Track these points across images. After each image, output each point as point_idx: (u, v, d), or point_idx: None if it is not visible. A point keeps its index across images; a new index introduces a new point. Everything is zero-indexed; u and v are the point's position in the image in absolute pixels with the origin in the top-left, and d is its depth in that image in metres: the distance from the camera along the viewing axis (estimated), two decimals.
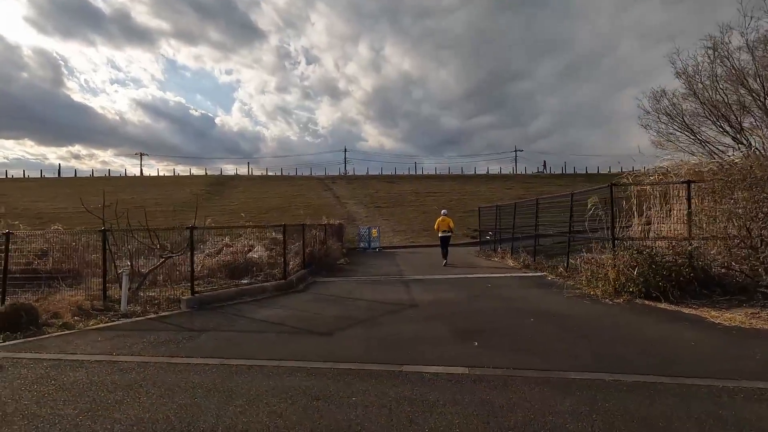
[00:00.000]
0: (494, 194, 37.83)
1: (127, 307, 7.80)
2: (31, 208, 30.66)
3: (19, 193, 35.55)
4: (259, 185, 41.87)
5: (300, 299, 8.36)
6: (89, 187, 41.50)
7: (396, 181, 44.72)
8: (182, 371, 4.29)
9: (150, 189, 39.77)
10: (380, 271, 12.65)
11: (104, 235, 8.61)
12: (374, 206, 33.82)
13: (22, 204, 31.46)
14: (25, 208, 30.13)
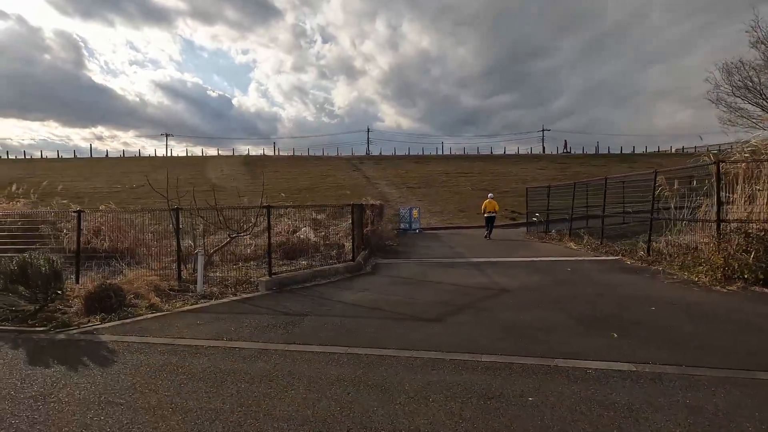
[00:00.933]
0: (527, 174, 36.82)
1: (203, 287, 7.61)
2: (70, 187, 31.15)
3: (56, 174, 36.20)
4: (288, 165, 41.71)
5: (376, 282, 8.02)
6: (120, 167, 42.09)
7: (424, 161, 43.93)
8: (310, 360, 3.98)
9: (181, 169, 40.01)
10: (436, 253, 12.24)
11: (177, 214, 8.40)
12: (406, 187, 33.30)
13: (61, 184, 32.01)
14: (64, 188, 30.64)
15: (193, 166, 41.23)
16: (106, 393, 3.35)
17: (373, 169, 39.34)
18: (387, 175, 36.79)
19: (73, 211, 8.92)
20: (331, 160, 45.05)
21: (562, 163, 41.83)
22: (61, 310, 6.06)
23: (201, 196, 30.93)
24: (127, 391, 3.39)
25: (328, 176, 35.98)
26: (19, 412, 3.07)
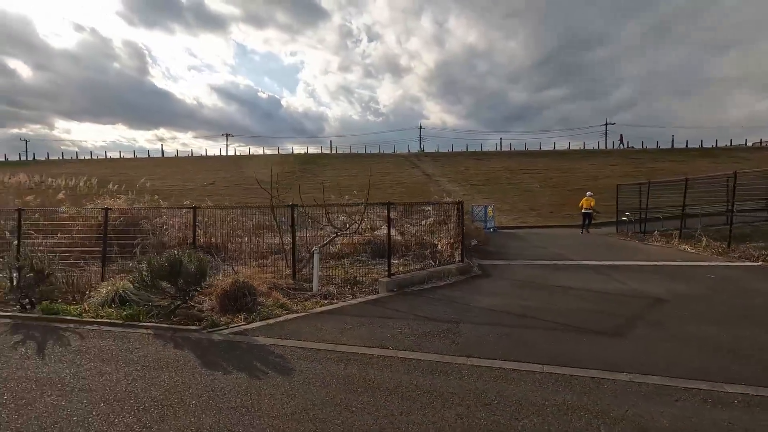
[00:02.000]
0: (598, 171, 34.62)
1: (318, 287, 7.40)
2: (147, 185, 33.03)
3: (133, 172, 38.58)
4: (345, 163, 41.96)
5: (497, 285, 7.45)
6: (187, 166, 44.24)
7: (484, 157, 42.60)
8: (516, 381, 3.49)
9: (245, 167, 41.35)
10: (532, 254, 11.44)
11: (292, 210, 8.24)
12: (468, 184, 32.33)
13: (138, 182, 34.04)
14: (142, 186, 32.53)
15: (252, 165, 42.49)
16: (312, 408, 3.04)
17: (431, 166, 38.65)
18: (447, 172, 35.97)
19: (187, 207, 9.06)
20: (387, 158, 44.83)
21: (634, 159, 39.01)
22: (197, 308, 6.02)
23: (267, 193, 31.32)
24: (334, 407, 3.06)
25: (387, 173, 35.73)
26: (234, 426, 2.81)
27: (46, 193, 20.18)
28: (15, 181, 21.94)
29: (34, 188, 21.40)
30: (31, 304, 5.97)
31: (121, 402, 3.19)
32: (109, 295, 6.20)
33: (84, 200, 15.76)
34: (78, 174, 31.81)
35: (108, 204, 14.50)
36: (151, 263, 5.32)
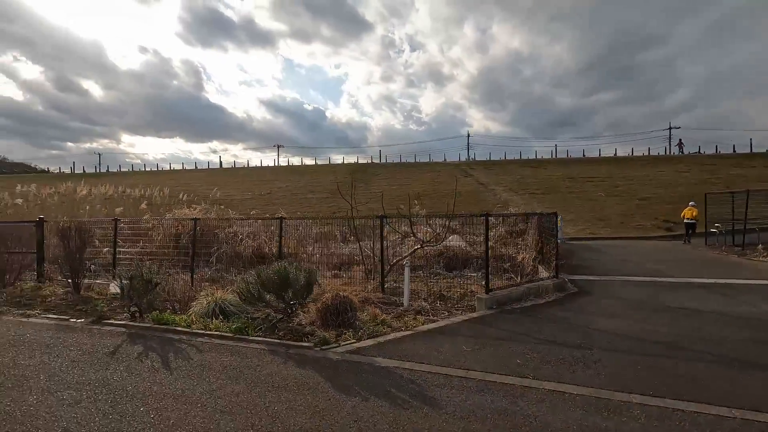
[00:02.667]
0: (667, 179, 32.30)
1: (409, 301, 7.09)
2: (209, 194, 34.54)
3: (195, 182, 40.57)
4: (394, 172, 41.93)
5: (607, 305, 6.79)
6: (244, 176, 45.95)
7: (539, 165, 41.06)
8: (697, 425, 2.97)
9: (297, 177, 42.38)
10: (627, 269, 10.53)
11: (381, 222, 8.03)
12: (526, 193, 31.13)
13: (201, 192, 35.69)
14: (204, 196, 34.06)
15: (303, 175, 43.42)
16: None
17: (484, 175, 37.70)
18: (501, 181, 34.90)
19: (275, 217, 9.12)
20: (437, 166, 44.34)
21: (708, 165, 36.05)
22: (296, 321, 5.88)
23: (320, 202, 31.85)
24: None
25: (440, 182, 35.20)
26: None
27: (127, 202, 21.52)
28: (99, 192, 23.61)
29: (116, 198, 22.93)
30: (139, 313, 6.09)
31: (269, 429, 3.00)
32: (210, 306, 6.22)
33: (161, 210, 16.57)
34: (146, 184, 33.79)
35: (185, 213, 15.12)
36: (260, 275, 5.23)
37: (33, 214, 17.07)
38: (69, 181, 32.03)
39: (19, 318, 6.32)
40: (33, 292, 8.33)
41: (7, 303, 7.26)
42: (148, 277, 6.01)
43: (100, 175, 51.20)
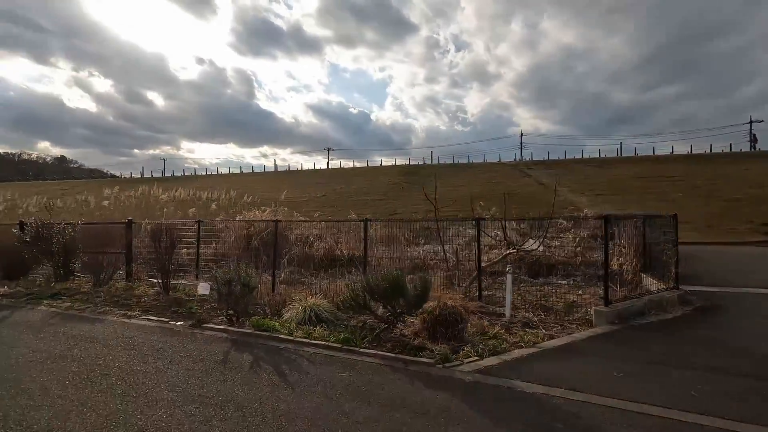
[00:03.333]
0: (757, 177, 29.13)
1: (511, 312, 6.47)
2: (268, 197, 35.45)
3: (255, 185, 41.89)
4: (447, 173, 41.05)
5: (756, 323, 5.80)
6: (297, 179, 46.94)
7: (604, 164, 38.59)
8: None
9: (349, 179, 42.61)
10: (743, 279, 9.22)
11: (478, 224, 7.47)
12: (593, 193, 29.23)
13: (261, 194, 36.73)
14: (266, 198, 34.98)
15: (355, 178, 43.55)
16: None
17: (544, 175, 35.93)
18: (564, 181, 33.02)
19: (360, 219, 8.84)
20: (492, 167, 42.95)
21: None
22: (398, 332, 5.46)
23: (375, 204, 31.66)
24: None
25: (498, 183, 33.93)
26: None
27: (197, 204, 22.45)
28: (171, 195, 24.84)
29: (186, 200, 24.03)
30: (236, 317, 5.93)
31: None
32: (306, 312, 5.95)
33: (230, 211, 16.99)
34: (210, 187, 35.25)
35: (255, 215, 15.33)
36: (369, 282, 4.85)
37: (116, 215, 18.15)
38: (142, 185, 34.06)
39: (122, 319, 6.37)
40: (126, 292, 8.53)
41: (107, 302, 7.42)
42: (245, 280, 5.82)
43: (166, 179, 54.32)
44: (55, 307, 7.16)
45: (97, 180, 61.60)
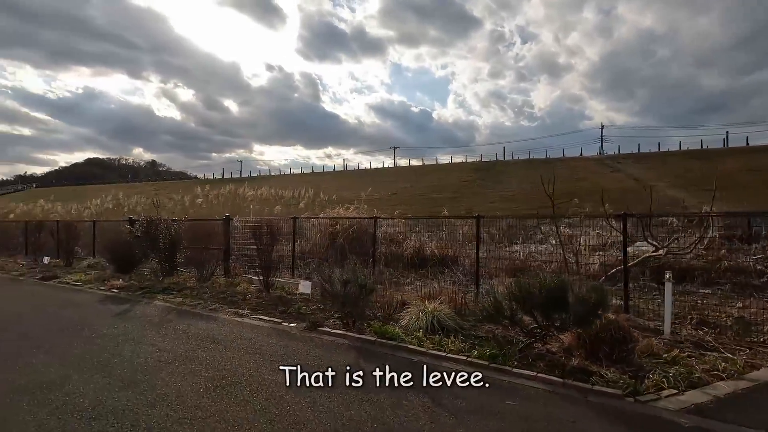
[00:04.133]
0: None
1: (670, 328, 5.35)
2: (344, 195, 35.75)
3: (327, 184, 42.64)
4: (522, 169, 38.79)
5: None
6: (366, 178, 47.11)
7: (707, 156, 34.16)
8: None
9: (418, 177, 41.90)
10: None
11: (624, 221, 6.41)
12: (698, 189, 25.79)
13: (335, 192, 37.24)
14: (340, 196, 35.36)
15: (424, 175, 42.70)
16: None
17: (636, 169, 32.60)
18: (662, 175, 29.66)
19: (472, 216, 8.12)
20: (574, 162, 39.92)
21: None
22: (539, 347, 4.62)
23: (447, 202, 30.34)
24: None
25: (583, 179, 31.30)
26: None
27: (279, 202, 23.10)
28: (254, 194, 25.90)
29: (270, 199, 24.90)
30: (352, 321, 5.45)
31: None
32: (428, 319, 5.32)
33: (314, 209, 17.08)
34: (285, 186, 36.37)
35: (339, 213, 15.16)
36: (521, 287, 4.07)
37: (209, 212, 19.16)
38: (223, 185, 36.03)
39: (234, 317, 6.19)
40: (228, 288, 8.52)
41: (214, 299, 7.36)
42: (362, 281, 5.31)
43: (243, 179, 57.24)
44: (169, 302, 7.22)
45: (183, 181, 66.76)
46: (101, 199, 34.32)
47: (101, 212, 26.60)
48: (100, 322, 5.89)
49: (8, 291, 8.39)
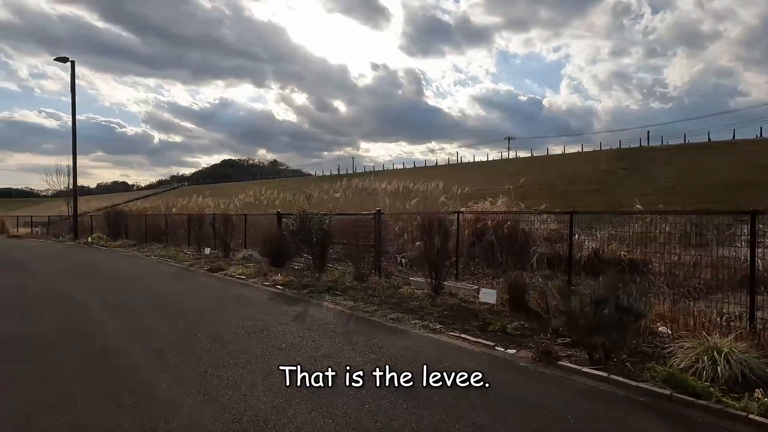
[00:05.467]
0: None
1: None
2: (478, 189, 34.06)
3: (443, 178, 41.32)
4: (679, 156, 32.68)
5: None
6: (483, 171, 44.61)
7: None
8: None
9: (543, 169, 38.21)
10: None
11: None
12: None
13: (458, 186, 35.73)
14: (475, 190, 33.76)
15: (549, 166, 38.75)
16: None
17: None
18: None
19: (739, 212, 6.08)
20: (745, 145, 32.42)
21: None
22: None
23: (588, 194, 26.62)
24: None
25: (761, 166, 24.96)
26: None
27: (410, 196, 22.63)
28: (384, 188, 25.90)
29: (401, 194, 24.62)
30: (605, 356, 3.95)
31: None
32: (729, 367, 3.56)
33: (455, 203, 15.99)
34: (408, 180, 35.71)
35: (483, 207, 13.69)
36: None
37: (345, 206, 19.39)
38: (338, 181, 37.09)
39: (425, 332, 5.14)
40: (389, 290, 7.66)
41: (387, 304, 6.48)
42: (626, 304, 3.77)
43: (352, 175, 58.80)
44: (339, 305, 6.54)
45: (302, 178, 71.55)
46: (244, 194, 37.97)
47: (243, 207, 29.13)
48: (281, 328, 5.31)
49: (187, 284, 8.71)
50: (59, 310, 6.32)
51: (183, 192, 64.34)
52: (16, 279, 9.71)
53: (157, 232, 18.33)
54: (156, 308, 6.34)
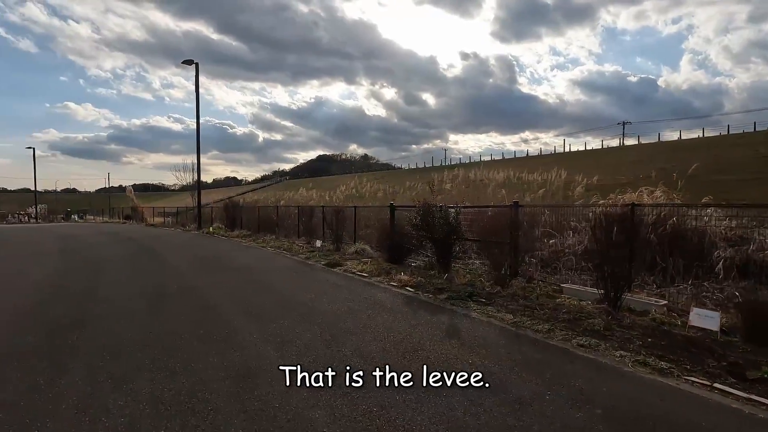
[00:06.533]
0: None
1: None
2: (602, 180, 30.60)
3: (548, 168, 37.72)
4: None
5: None
6: (594, 158, 39.84)
7: None
8: None
9: (671, 156, 32.65)
10: None
11: None
12: None
13: (574, 176, 32.28)
14: (601, 180, 30.36)
15: (677, 152, 33.05)
16: None
17: None
18: None
19: None
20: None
21: None
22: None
23: (760, 186, 21.77)
24: None
25: None
26: None
27: (522, 188, 20.66)
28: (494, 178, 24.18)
29: (513, 185, 22.77)
30: None
31: None
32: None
33: (589, 196, 13.90)
34: (530, 170, 32.95)
35: (630, 199, 11.43)
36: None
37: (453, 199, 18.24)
38: (429, 174, 35.69)
39: (650, 375, 3.61)
40: (541, 299, 6.24)
41: (554, 320, 5.09)
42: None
43: (443, 167, 56.89)
44: (494, 318, 5.30)
45: (393, 171, 71.56)
46: (344, 185, 38.80)
47: (345, 199, 29.46)
48: (438, 348, 4.21)
49: (309, 280, 8.17)
50: (193, 308, 6.08)
51: (287, 185, 68.44)
52: (156, 276, 10.23)
53: (268, 223, 18.89)
54: (286, 309, 5.74)
